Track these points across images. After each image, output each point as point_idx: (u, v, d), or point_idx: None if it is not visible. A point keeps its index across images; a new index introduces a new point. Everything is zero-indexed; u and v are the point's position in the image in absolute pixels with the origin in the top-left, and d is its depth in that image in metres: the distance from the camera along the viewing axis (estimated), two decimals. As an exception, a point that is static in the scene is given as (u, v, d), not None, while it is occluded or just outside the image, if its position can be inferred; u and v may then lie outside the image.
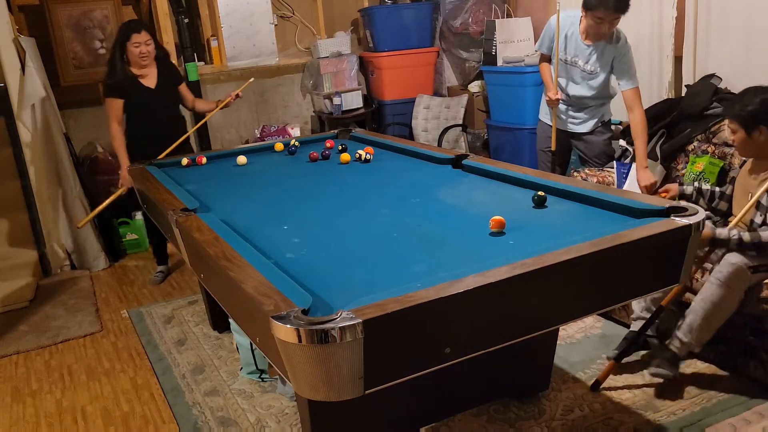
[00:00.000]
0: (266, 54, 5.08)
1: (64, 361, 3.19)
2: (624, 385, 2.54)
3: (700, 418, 2.31)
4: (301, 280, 1.64)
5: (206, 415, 2.58)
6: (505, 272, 1.52)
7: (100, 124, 5.14)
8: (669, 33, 3.75)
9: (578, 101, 3.54)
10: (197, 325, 3.41)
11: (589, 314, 1.85)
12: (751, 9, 3.29)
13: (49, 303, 3.88)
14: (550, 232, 1.88)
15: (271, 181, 2.91)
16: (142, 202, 3.19)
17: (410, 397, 2.09)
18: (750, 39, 3.32)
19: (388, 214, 2.25)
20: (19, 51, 4.06)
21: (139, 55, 3.67)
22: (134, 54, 3.67)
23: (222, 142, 5.13)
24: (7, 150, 4.23)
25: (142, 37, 3.65)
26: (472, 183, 2.58)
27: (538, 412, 2.42)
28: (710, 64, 3.51)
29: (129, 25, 3.72)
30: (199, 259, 2.07)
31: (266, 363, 2.74)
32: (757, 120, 2.46)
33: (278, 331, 1.33)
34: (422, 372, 1.45)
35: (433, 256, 1.79)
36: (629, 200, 2.02)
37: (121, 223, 4.66)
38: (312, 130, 5.48)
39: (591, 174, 3.48)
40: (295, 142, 3.48)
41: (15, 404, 2.84)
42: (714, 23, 3.48)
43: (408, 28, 5.31)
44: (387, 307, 1.36)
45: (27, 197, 4.29)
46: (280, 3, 5.36)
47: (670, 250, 1.79)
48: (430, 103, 5.36)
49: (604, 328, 2.99)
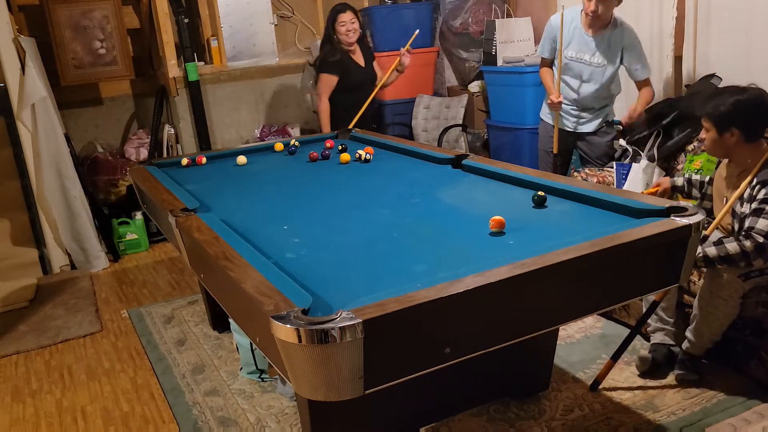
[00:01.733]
0: (266, 54, 5.08)
1: (64, 361, 3.19)
2: (624, 385, 2.54)
3: (700, 418, 2.31)
4: (301, 280, 1.64)
5: (206, 415, 2.58)
6: (505, 272, 1.52)
7: (100, 124, 5.16)
8: (669, 33, 3.75)
9: (585, 100, 3.54)
10: (197, 325, 3.41)
11: (589, 314, 1.85)
12: (751, 9, 3.29)
13: (49, 303, 3.87)
14: (550, 232, 1.88)
15: (271, 181, 2.91)
16: (142, 202, 3.19)
17: (410, 397, 2.09)
18: (750, 39, 3.32)
19: (388, 214, 2.25)
20: (19, 51, 4.06)
21: (345, 33, 4.00)
22: (341, 33, 4.00)
23: (222, 142, 5.13)
24: (7, 150, 4.23)
25: (347, 16, 4.00)
26: (472, 183, 2.58)
27: (538, 412, 2.41)
28: (710, 64, 3.51)
29: (335, 8, 4.06)
30: (199, 259, 2.07)
31: (266, 363, 2.74)
32: (730, 121, 2.37)
33: (278, 331, 1.33)
34: (422, 372, 1.45)
35: (433, 256, 1.79)
36: (629, 200, 2.02)
37: (121, 223, 4.65)
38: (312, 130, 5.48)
39: (591, 174, 3.48)
40: (295, 142, 3.48)
41: (15, 404, 2.84)
42: (714, 23, 3.47)
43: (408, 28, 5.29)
44: (387, 307, 1.36)
45: (27, 197, 4.29)
46: (280, 3, 5.36)
47: (670, 250, 1.79)
48: (430, 103, 5.36)
49: (604, 328, 2.99)
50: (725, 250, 2.29)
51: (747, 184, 2.37)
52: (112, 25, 4.71)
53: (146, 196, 2.86)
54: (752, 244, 2.27)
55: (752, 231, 2.29)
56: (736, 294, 2.35)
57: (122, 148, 5.11)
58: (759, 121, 2.41)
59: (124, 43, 4.79)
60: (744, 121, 2.37)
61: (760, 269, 2.35)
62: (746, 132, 2.38)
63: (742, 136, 2.38)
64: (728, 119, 2.37)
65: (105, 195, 4.80)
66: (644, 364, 2.58)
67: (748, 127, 2.38)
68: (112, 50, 4.78)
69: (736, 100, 2.37)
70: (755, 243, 2.26)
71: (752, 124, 2.39)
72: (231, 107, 5.11)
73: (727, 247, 2.29)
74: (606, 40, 3.39)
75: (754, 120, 2.39)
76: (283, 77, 5.32)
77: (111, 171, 4.78)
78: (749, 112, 2.37)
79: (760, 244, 2.27)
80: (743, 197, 2.39)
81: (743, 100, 2.37)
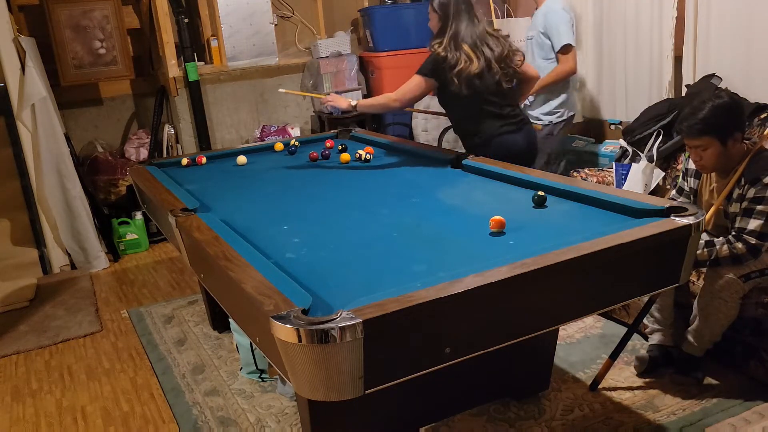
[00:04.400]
0: (266, 54, 5.08)
1: (64, 361, 3.19)
2: (624, 385, 2.54)
3: (700, 418, 2.31)
4: (301, 280, 1.64)
5: (206, 415, 2.58)
6: (505, 272, 1.52)
7: (100, 124, 5.15)
8: (669, 33, 3.75)
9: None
10: (197, 325, 3.41)
11: (589, 314, 1.85)
12: (751, 9, 3.29)
13: (49, 303, 3.87)
14: (550, 232, 1.88)
15: (271, 181, 2.91)
16: (142, 202, 3.19)
17: (410, 397, 2.09)
18: (750, 39, 3.32)
19: (388, 214, 2.25)
20: (19, 51, 4.06)
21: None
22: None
23: (222, 142, 5.13)
24: (7, 150, 4.23)
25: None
26: (472, 183, 2.58)
27: (538, 412, 2.41)
28: (710, 64, 3.51)
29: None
30: (199, 259, 2.07)
31: (266, 363, 2.74)
32: (730, 126, 2.29)
33: (278, 331, 1.33)
34: (422, 372, 1.45)
35: (433, 256, 1.79)
36: (629, 200, 2.02)
37: (121, 223, 4.65)
38: (312, 130, 5.47)
39: (591, 174, 3.48)
40: (295, 142, 3.48)
41: (15, 404, 2.84)
42: (714, 23, 3.47)
43: (408, 28, 5.30)
44: (387, 307, 1.36)
45: (27, 197, 4.29)
46: (280, 3, 5.35)
47: (670, 249, 1.79)
48: (430, 104, 5.35)
49: (604, 328, 2.98)
50: (714, 253, 2.29)
51: (734, 182, 2.35)
52: (112, 25, 4.71)
53: (146, 196, 2.86)
54: (744, 247, 2.26)
55: (743, 233, 2.27)
56: (737, 295, 2.34)
57: (122, 148, 5.11)
58: (743, 118, 2.42)
59: (124, 43, 4.79)
60: (739, 120, 2.37)
61: (760, 270, 2.35)
62: (742, 131, 2.38)
63: (740, 137, 2.36)
64: (727, 124, 2.31)
65: (105, 195, 4.80)
66: (642, 364, 2.58)
67: (742, 126, 2.39)
68: (112, 50, 4.77)
69: (720, 104, 2.29)
70: (747, 245, 2.26)
71: (742, 122, 2.40)
72: (231, 107, 5.11)
73: (717, 250, 2.28)
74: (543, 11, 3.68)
75: (741, 117, 2.40)
76: (283, 77, 5.32)
77: (111, 171, 4.77)
78: (735, 112, 2.34)
79: (753, 245, 2.26)
80: (732, 196, 2.37)
81: (724, 103, 2.30)
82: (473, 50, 2.78)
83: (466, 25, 2.81)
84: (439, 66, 2.83)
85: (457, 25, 2.82)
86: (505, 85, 2.85)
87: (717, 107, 2.29)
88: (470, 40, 2.80)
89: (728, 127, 2.30)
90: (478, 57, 2.77)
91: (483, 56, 2.78)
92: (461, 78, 2.80)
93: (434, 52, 2.85)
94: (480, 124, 2.90)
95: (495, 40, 2.86)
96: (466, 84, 2.80)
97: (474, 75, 2.78)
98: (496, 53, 2.82)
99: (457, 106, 2.97)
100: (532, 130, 3.01)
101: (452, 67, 2.79)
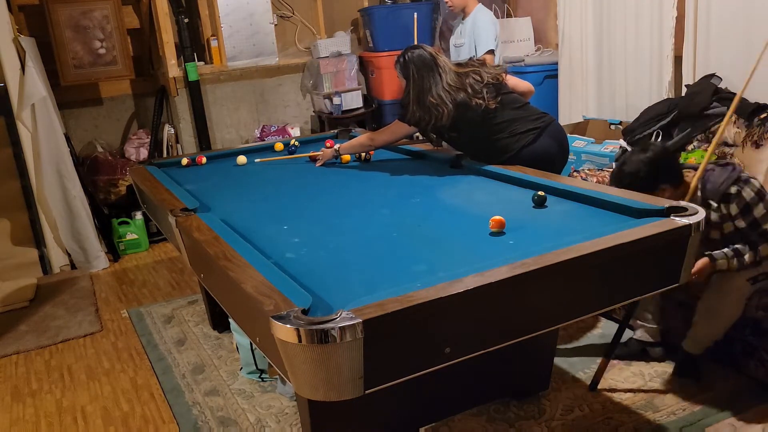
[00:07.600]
0: (266, 54, 5.08)
1: (64, 361, 3.19)
2: (624, 385, 2.54)
3: (700, 418, 2.31)
4: (301, 280, 1.64)
5: (206, 415, 2.58)
6: (505, 272, 1.52)
7: (100, 124, 5.15)
8: (669, 33, 3.75)
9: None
10: (197, 325, 3.41)
11: (589, 314, 1.85)
12: (751, 9, 3.29)
13: (49, 303, 3.87)
14: (550, 232, 1.88)
15: (270, 180, 2.91)
16: (142, 202, 3.19)
17: (410, 397, 2.09)
18: (750, 39, 3.32)
19: (388, 213, 2.25)
20: (19, 51, 4.06)
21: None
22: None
23: (222, 142, 5.13)
24: (7, 150, 4.23)
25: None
26: (472, 183, 2.58)
27: (538, 412, 2.41)
28: (710, 64, 3.51)
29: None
30: (199, 259, 2.07)
31: (266, 363, 2.74)
32: (657, 181, 2.25)
33: (278, 331, 1.33)
34: (422, 372, 1.45)
35: (433, 256, 1.79)
36: (629, 200, 2.02)
37: (121, 223, 4.65)
38: (312, 130, 5.48)
39: (591, 174, 3.48)
40: (295, 142, 3.48)
41: (15, 404, 2.84)
42: (714, 23, 3.47)
43: (408, 28, 5.28)
44: (387, 307, 1.36)
45: (27, 197, 4.29)
46: (280, 3, 5.36)
47: (670, 249, 1.79)
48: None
49: (604, 328, 2.98)
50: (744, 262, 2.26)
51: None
52: (112, 25, 4.71)
53: (146, 196, 2.86)
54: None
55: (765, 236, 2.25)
56: (744, 297, 2.36)
57: (122, 148, 5.11)
58: (672, 171, 2.31)
59: (124, 43, 4.79)
60: (666, 174, 2.27)
61: (766, 273, 2.35)
62: (672, 183, 2.29)
63: (669, 187, 2.28)
64: (655, 178, 2.25)
65: (105, 195, 4.80)
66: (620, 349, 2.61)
67: (672, 177, 2.29)
68: (112, 50, 4.77)
69: (645, 159, 2.24)
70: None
71: (672, 174, 2.30)
72: (231, 107, 5.11)
73: (746, 259, 2.26)
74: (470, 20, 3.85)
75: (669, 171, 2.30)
76: (283, 77, 5.32)
77: (111, 171, 4.77)
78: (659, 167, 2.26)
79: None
80: (710, 220, 2.28)
81: (647, 158, 2.25)
82: (440, 102, 2.67)
83: (429, 81, 2.70)
84: (420, 127, 2.79)
85: (419, 85, 2.72)
86: (493, 105, 2.70)
87: (642, 162, 2.25)
88: (435, 93, 2.68)
89: (655, 181, 2.25)
90: (446, 104, 2.65)
91: (453, 101, 2.65)
92: (443, 128, 2.75)
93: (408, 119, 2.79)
94: (499, 148, 2.76)
95: (466, 76, 2.73)
96: (450, 128, 2.74)
97: (453, 119, 2.68)
98: (475, 87, 2.70)
99: (464, 144, 2.89)
100: (557, 125, 2.83)
101: (428, 124, 2.72)
